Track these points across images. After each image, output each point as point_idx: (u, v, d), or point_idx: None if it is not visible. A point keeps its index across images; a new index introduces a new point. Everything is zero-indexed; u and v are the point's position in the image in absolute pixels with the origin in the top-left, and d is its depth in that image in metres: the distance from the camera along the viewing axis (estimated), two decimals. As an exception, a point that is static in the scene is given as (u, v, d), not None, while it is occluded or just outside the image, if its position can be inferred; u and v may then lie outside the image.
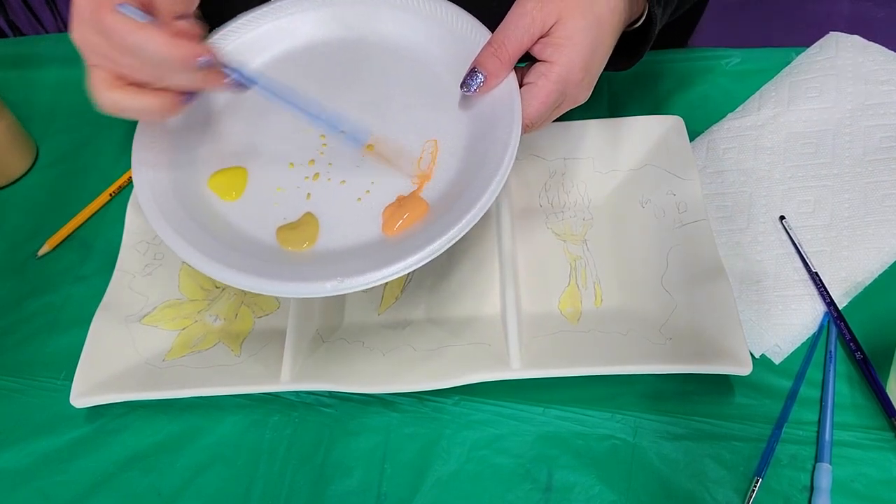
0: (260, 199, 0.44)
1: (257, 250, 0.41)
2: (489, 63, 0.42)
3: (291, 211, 0.43)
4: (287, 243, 0.42)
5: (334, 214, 0.43)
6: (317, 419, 0.48)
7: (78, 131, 0.67)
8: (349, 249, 0.41)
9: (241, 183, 0.44)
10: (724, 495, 0.42)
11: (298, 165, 0.45)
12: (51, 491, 0.47)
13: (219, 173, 0.45)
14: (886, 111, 0.54)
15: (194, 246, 0.40)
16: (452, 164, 0.43)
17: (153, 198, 0.42)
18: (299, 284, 0.38)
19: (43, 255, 0.59)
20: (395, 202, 0.42)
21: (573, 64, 0.41)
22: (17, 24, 1.38)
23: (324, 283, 0.38)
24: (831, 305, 0.47)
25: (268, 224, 0.43)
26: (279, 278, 0.38)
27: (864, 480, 0.42)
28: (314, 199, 0.43)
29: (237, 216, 0.43)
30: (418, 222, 0.41)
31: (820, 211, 0.51)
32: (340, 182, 0.44)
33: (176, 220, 0.41)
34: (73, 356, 0.48)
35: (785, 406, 0.45)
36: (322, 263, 0.40)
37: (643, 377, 0.46)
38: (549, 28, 0.41)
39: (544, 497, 0.43)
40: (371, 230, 0.42)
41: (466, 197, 0.39)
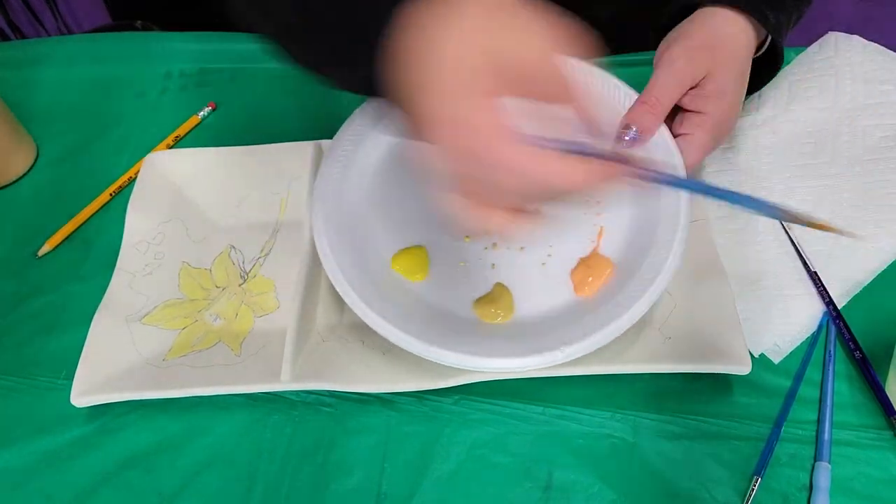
0: (447, 276, 0.45)
1: (462, 327, 0.42)
2: (644, 119, 0.43)
3: (480, 283, 0.44)
4: (487, 317, 0.43)
5: (523, 282, 0.44)
6: (317, 418, 0.48)
7: (78, 131, 0.68)
8: (548, 316, 0.42)
9: (425, 262, 0.45)
10: (723, 494, 0.42)
11: (475, 236, 0.46)
12: (51, 490, 0.47)
13: (401, 254, 0.46)
14: (886, 111, 0.54)
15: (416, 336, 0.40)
16: (623, 221, 0.45)
17: (346, 281, 0.42)
18: (525, 359, 0.39)
19: (43, 254, 0.59)
20: (582, 264, 0.44)
21: (725, 114, 0.44)
22: (18, 25, 1.38)
23: (553, 353, 0.39)
24: (830, 305, 0.48)
25: (462, 299, 0.44)
26: (507, 356, 0.39)
27: (864, 479, 0.42)
28: (499, 269, 0.45)
29: (431, 295, 0.44)
30: (607, 281, 0.43)
31: (819, 210, 0.51)
32: (519, 249, 0.45)
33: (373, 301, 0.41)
34: (73, 355, 0.48)
35: (784, 405, 0.45)
36: (530, 334, 0.41)
37: (642, 376, 0.46)
38: (700, 80, 0.43)
39: (544, 496, 0.44)
40: (562, 294, 0.43)
41: (653, 254, 0.41)
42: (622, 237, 0.44)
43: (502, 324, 0.43)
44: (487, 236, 0.40)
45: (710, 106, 0.44)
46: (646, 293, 0.39)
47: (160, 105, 0.69)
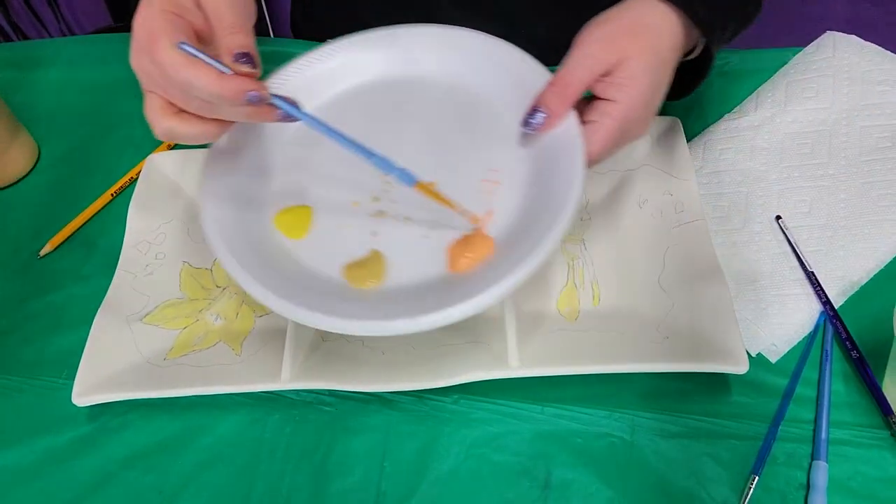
0: (326, 237, 0.44)
1: (325, 288, 0.41)
2: (552, 102, 0.42)
3: (358, 248, 0.43)
4: (355, 281, 0.42)
5: (400, 252, 0.43)
6: (317, 418, 0.48)
7: (80, 132, 0.68)
8: (415, 287, 0.41)
9: (307, 222, 0.45)
10: (720, 493, 0.43)
11: (363, 203, 0.45)
12: (52, 489, 0.47)
13: (284, 212, 0.45)
14: (882, 111, 0.54)
15: (261, 282, 0.40)
16: (515, 201, 0.43)
17: (219, 231, 0.42)
18: (374, 323, 0.38)
19: (45, 254, 0.59)
20: (461, 240, 0.42)
21: (635, 103, 0.41)
22: (20, 25, 1.38)
23: (394, 322, 0.37)
24: (827, 304, 0.48)
25: (335, 261, 0.43)
26: (353, 317, 0.38)
27: (861, 478, 0.42)
28: (380, 237, 0.44)
29: (304, 254, 0.44)
30: (484, 260, 0.41)
31: (816, 211, 0.51)
32: (405, 219, 0.44)
33: (241, 254, 0.41)
34: (74, 355, 0.49)
35: (781, 404, 0.45)
36: (392, 301, 0.40)
37: (640, 376, 0.47)
38: (612, 68, 0.41)
39: (542, 495, 0.44)
40: (436, 268, 0.42)
41: (533, 235, 0.39)
42: (511, 219, 0.43)
43: (369, 289, 0.41)
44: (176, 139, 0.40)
45: (619, 94, 0.41)
46: (507, 277, 0.37)
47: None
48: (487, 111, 0.47)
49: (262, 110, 0.40)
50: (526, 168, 0.44)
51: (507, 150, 0.45)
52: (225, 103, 0.39)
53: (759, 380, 0.46)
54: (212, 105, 0.39)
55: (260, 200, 0.46)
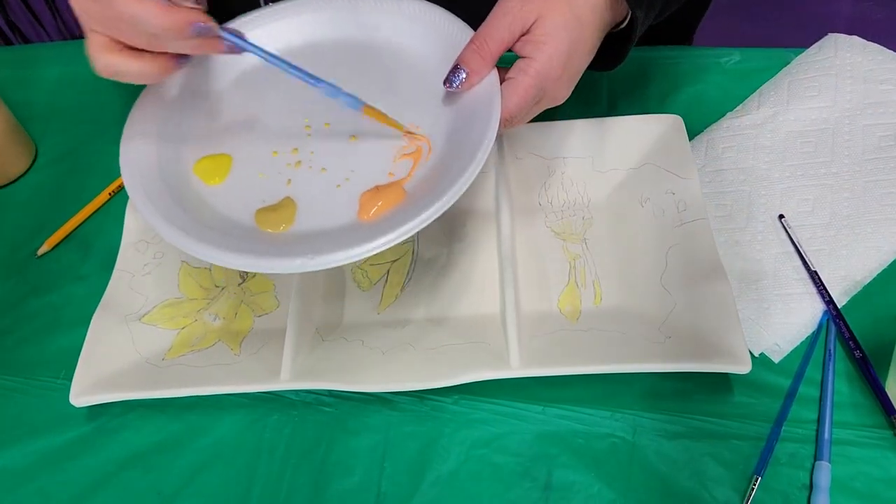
0: (242, 184, 0.45)
1: (236, 231, 0.43)
2: (472, 60, 0.43)
3: (272, 195, 0.44)
4: (264, 224, 0.43)
5: (313, 199, 0.44)
6: (316, 418, 0.48)
7: (77, 130, 0.68)
8: (324, 232, 0.42)
9: (225, 169, 0.46)
10: (723, 494, 0.42)
11: (282, 153, 0.46)
12: (51, 490, 0.47)
13: (205, 159, 0.47)
14: (885, 110, 0.54)
15: (171, 222, 0.41)
16: (432, 156, 0.44)
17: (138, 173, 0.44)
18: (270, 260, 0.39)
19: (42, 254, 0.59)
20: (373, 189, 0.43)
21: (552, 60, 0.42)
22: (18, 25, 1.38)
23: (293, 260, 0.39)
24: (830, 304, 0.48)
25: (248, 207, 0.44)
26: (251, 254, 0.40)
27: (864, 479, 0.42)
28: (294, 185, 0.45)
29: (219, 199, 0.45)
30: (394, 209, 0.42)
31: (819, 210, 0.51)
32: (321, 170, 0.45)
33: (157, 196, 0.43)
34: (72, 355, 0.48)
35: (784, 404, 0.45)
36: (296, 243, 0.41)
37: (642, 376, 0.46)
38: (530, 26, 0.42)
39: (543, 496, 0.43)
40: (347, 215, 0.43)
41: (440, 186, 0.40)
42: (425, 173, 0.44)
43: (277, 233, 0.42)
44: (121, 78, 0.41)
45: (536, 51, 0.42)
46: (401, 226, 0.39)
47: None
48: (415, 71, 0.48)
49: (209, 42, 0.41)
50: (446, 126, 0.45)
51: (432, 108, 0.46)
52: (172, 36, 0.39)
53: (762, 380, 0.46)
54: (158, 38, 0.39)
55: (180, 146, 0.47)
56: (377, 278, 0.53)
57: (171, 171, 0.45)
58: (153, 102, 0.47)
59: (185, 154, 0.47)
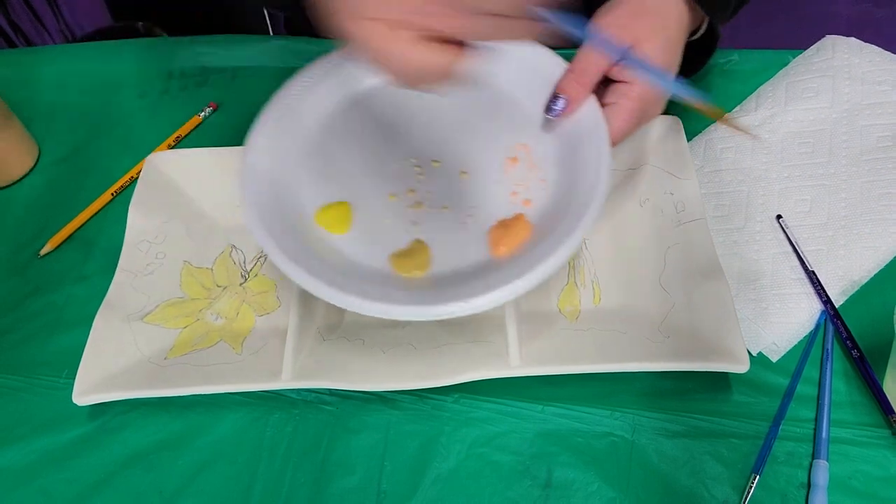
0: (369, 231, 0.45)
1: (376, 278, 0.43)
2: (571, 88, 0.44)
3: (400, 239, 0.45)
4: (403, 269, 0.43)
5: (442, 240, 0.45)
6: (317, 417, 0.48)
7: (80, 131, 0.68)
8: (462, 272, 0.43)
9: (347, 217, 0.46)
10: (721, 492, 0.43)
11: (399, 195, 0.47)
12: (53, 489, 0.47)
13: (325, 209, 0.46)
14: (883, 111, 0.54)
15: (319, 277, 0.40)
16: (546, 185, 0.45)
17: (267, 231, 0.42)
18: (427, 308, 0.39)
19: (45, 254, 0.59)
20: (500, 225, 0.44)
21: (651, 84, 0.43)
22: (19, 25, 1.38)
23: (447, 306, 0.39)
24: (828, 304, 0.48)
25: (380, 253, 0.44)
26: (406, 303, 0.39)
27: (861, 477, 0.42)
28: (421, 227, 0.45)
29: (348, 248, 0.45)
30: (524, 243, 0.43)
31: (816, 210, 0.52)
32: (443, 208, 0.46)
33: (294, 252, 0.42)
34: (75, 355, 0.49)
35: (782, 403, 0.45)
36: (441, 286, 0.41)
37: (641, 375, 0.47)
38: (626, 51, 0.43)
39: (543, 494, 0.44)
40: (479, 252, 0.44)
41: (568, 217, 0.41)
42: (543, 202, 0.45)
43: (416, 277, 0.43)
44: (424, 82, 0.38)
45: (636, 76, 0.43)
46: (551, 256, 0.39)
47: (161, 105, 0.69)
48: (512, 103, 0.49)
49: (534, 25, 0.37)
50: (552, 152, 0.46)
51: (534, 136, 0.47)
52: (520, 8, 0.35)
53: (760, 379, 0.46)
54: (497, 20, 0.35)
55: (299, 200, 0.46)
56: (378, 278, 0.54)
57: (298, 224, 0.45)
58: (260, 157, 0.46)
59: (305, 205, 0.46)
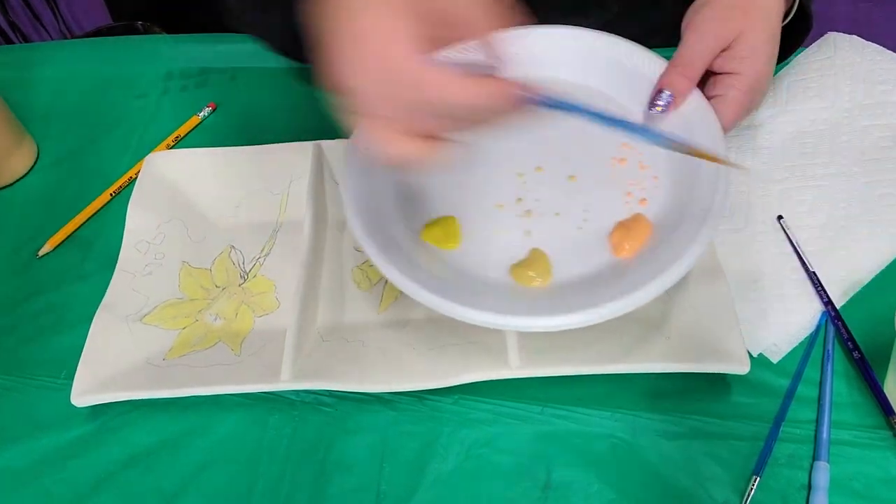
0: (482, 243, 0.44)
1: (499, 291, 0.42)
2: (677, 81, 0.44)
3: (517, 250, 0.44)
4: (524, 280, 0.42)
5: (560, 247, 0.43)
6: (317, 418, 0.48)
7: (79, 131, 0.68)
8: (587, 278, 0.42)
9: (456, 232, 0.45)
10: (722, 494, 0.42)
11: (507, 205, 0.46)
12: (52, 490, 0.47)
13: (431, 225, 0.45)
14: (884, 111, 0.54)
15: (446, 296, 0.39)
16: (659, 182, 0.45)
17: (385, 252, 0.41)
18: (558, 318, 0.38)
19: (44, 254, 0.59)
20: (621, 227, 0.43)
21: (759, 74, 0.44)
22: (18, 24, 1.38)
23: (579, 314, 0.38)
24: (829, 304, 0.48)
25: (498, 265, 0.43)
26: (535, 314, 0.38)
27: (862, 479, 0.42)
28: (535, 235, 0.44)
29: (463, 262, 0.43)
30: (647, 243, 0.42)
31: (817, 210, 0.51)
32: (555, 215, 0.45)
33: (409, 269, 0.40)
34: (73, 355, 0.49)
35: (783, 405, 0.45)
36: (568, 295, 0.40)
37: (641, 376, 0.47)
38: (731, 42, 0.43)
39: (543, 495, 0.44)
40: (601, 256, 0.43)
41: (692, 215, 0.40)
42: (662, 201, 0.44)
43: (540, 287, 0.42)
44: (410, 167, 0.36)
45: (743, 66, 0.43)
46: (687, 251, 0.38)
47: (160, 105, 0.69)
48: (607, 102, 0.48)
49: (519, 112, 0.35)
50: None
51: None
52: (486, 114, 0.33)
53: (761, 380, 0.46)
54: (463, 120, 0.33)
55: (404, 218, 0.45)
56: (377, 278, 0.54)
57: (408, 244, 0.43)
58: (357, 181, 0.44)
59: (410, 223, 0.45)
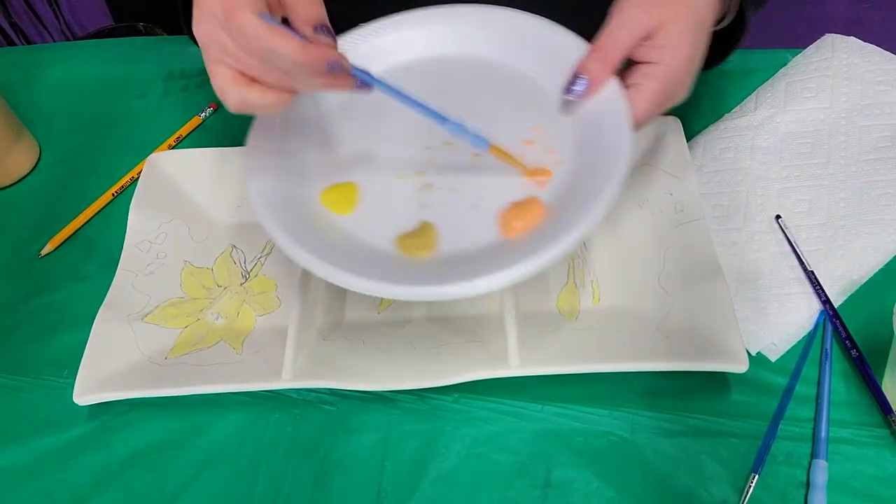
0: (375, 212, 0.45)
1: (381, 259, 0.42)
2: (594, 68, 0.43)
3: (407, 221, 0.44)
4: (408, 250, 0.42)
5: (451, 222, 0.43)
6: (318, 416, 0.48)
7: (80, 131, 0.68)
8: (470, 254, 0.42)
9: (353, 198, 0.45)
10: (720, 492, 0.43)
11: (408, 176, 0.46)
12: (54, 488, 0.47)
13: (330, 190, 0.46)
14: (882, 111, 0.54)
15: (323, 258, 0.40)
16: (563, 168, 0.44)
17: (269, 207, 0.42)
18: (428, 288, 0.38)
19: (46, 254, 0.60)
20: (513, 206, 0.43)
21: (678, 65, 0.42)
22: (20, 25, 1.38)
23: (452, 286, 0.38)
24: (827, 303, 0.48)
25: (386, 234, 0.43)
26: (410, 283, 0.39)
27: (860, 477, 0.42)
28: (429, 209, 0.44)
29: (354, 228, 0.44)
30: (537, 225, 0.42)
31: (816, 210, 0.52)
32: (452, 190, 0.45)
33: (299, 232, 0.41)
34: (75, 354, 0.49)
35: (781, 403, 0.45)
36: (447, 267, 0.40)
37: (640, 375, 0.47)
38: (652, 31, 0.42)
39: (542, 493, 0.44)
40: (489, 235, 0.42)
41: (585, 198, 0.40)
42: (561, 184, 0.43)
43: (421, 258, 0.42)
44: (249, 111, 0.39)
45: (661, 56, 0.42)
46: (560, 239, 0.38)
47: (162, 106, 0.69)
48: (527, 84, 0.48)
49: (340, 80, 0.39)
50: (570, 135, 0.45)
51: (550, 118, 0.46)
52: (306, 72, 0.38)
53: (759, 378, 0.46)
54: (290, 74, 0.38)
55: (305, 178, 0.46)
56: (378, 278, 0.54)
57: (300, 204, 0.44)
58: (266, 136, 0.46)
59: (309, 186, 0.46)
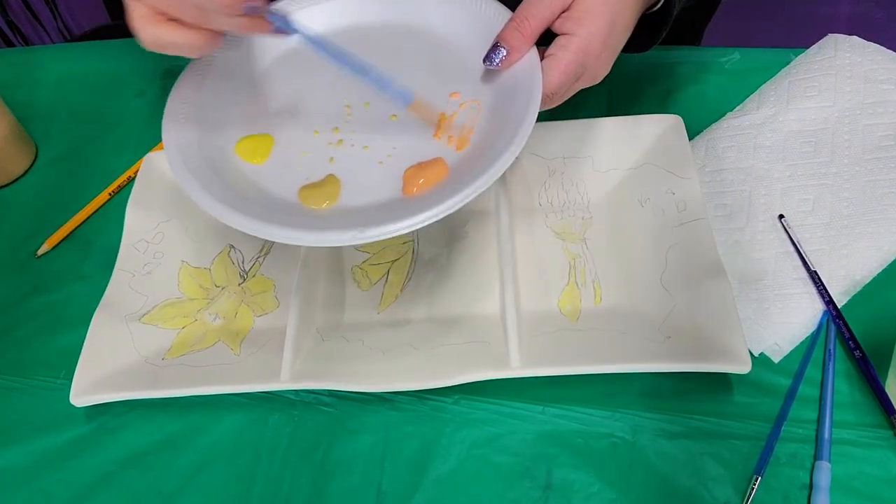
0: (285, 163, 0.46)
1: (282, 207, 0.43)
2: (512, 38, 0.43)
3: (315, 173, 0.45)
4: (309, 201, 0.43)
5: (356, 177, 0.45)
6: (316, 418, 0.48)
7: (77, 130, 0.68)
8: (369, 207, 0.43)
9: (267, 148, 0.47)
10: (723, 493, 0.42)
11: (323, 132, 0.47)
12: (51, 489, 0.47)
13: (246, 139, 0.47)
14: (885, 110, 0.54)
15: (217, 198, 0.41)
16: (474, 134, 0.45)
17: (178, 149, 0.44)
18: (319, 234, 0.39)
19: (43, 254, 0.59)
20: (416, 165, 0.44)
21: (592, 36, 0.42)
22: (18, 24, 1.38)
23: (343, 233, 0.39)
24: (830, 304, 0.48)
25: (292, 184, 0.45)
26: (300, 228, 0.40)
27: (864, 478, 0.42)
28: (337, 163, 0.45)
29: (262, 177, 0.45)
30: (437, 185, 0.42)
31: (819, 209, 0.51)
32: (363, 147, 0.46)
33: (201, 174, 0.43)
34: (72, 355, 0.48)
35: (784, 404, 0.45)
36: (343, 218, 0.42)
37: (642, 376, 0.46)
38: (570, 3, 0.42)
39: (543, 495, 0.44)
40: (391, 191, 0.43)
41: (483, 162, 0.40)
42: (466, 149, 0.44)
43: (321, 209, 0.43)
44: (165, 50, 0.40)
45: (577, 27, 0.42)
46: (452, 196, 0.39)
47: (159, 105, 0.68)
48: (451, 51, 0.49)
49: (256, 23, 0.41)
50: (485, 102, 0.46)
51: (472, 87, 0.47)
52: (221, 11, 0.38)
53: (762, 379, 0.46)
54: (206, 14, 0.39)
55: (221, 127, 0.47)
56: (377, 278, 0.53)
57: (213, 150, 0.46)
58: (192, 83, 0.48)
59: (226, 135, 0.47)
